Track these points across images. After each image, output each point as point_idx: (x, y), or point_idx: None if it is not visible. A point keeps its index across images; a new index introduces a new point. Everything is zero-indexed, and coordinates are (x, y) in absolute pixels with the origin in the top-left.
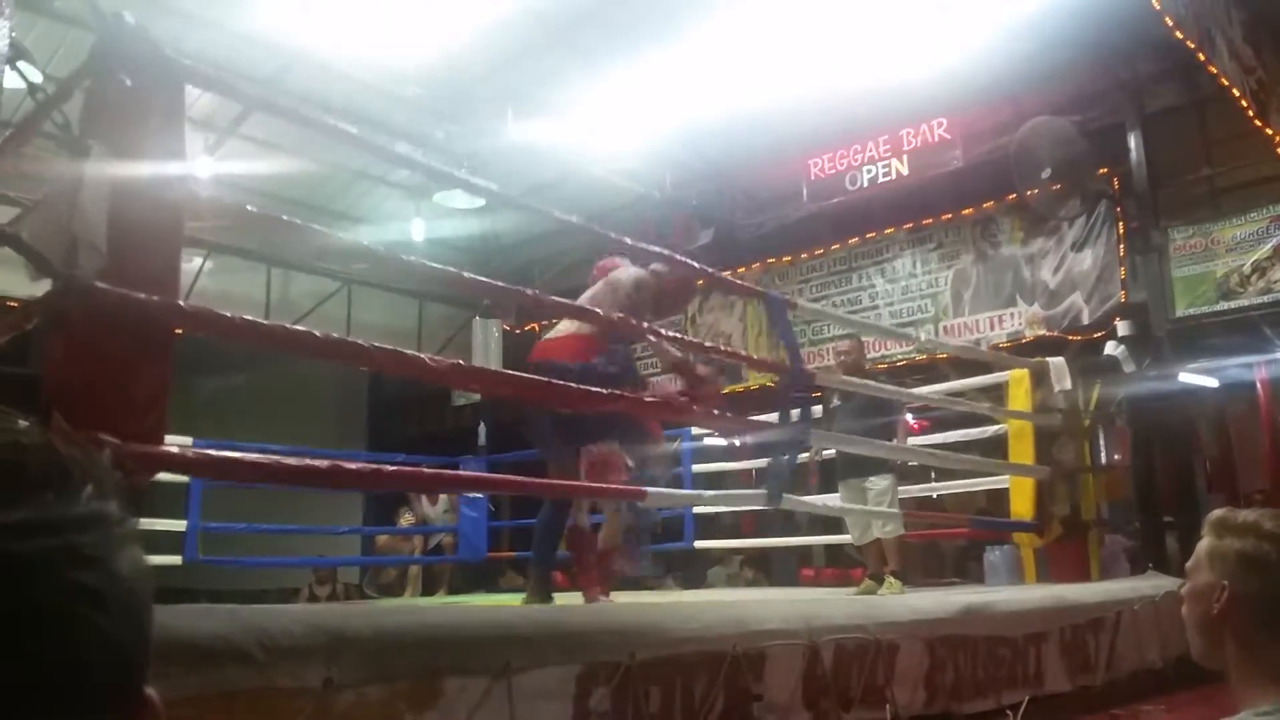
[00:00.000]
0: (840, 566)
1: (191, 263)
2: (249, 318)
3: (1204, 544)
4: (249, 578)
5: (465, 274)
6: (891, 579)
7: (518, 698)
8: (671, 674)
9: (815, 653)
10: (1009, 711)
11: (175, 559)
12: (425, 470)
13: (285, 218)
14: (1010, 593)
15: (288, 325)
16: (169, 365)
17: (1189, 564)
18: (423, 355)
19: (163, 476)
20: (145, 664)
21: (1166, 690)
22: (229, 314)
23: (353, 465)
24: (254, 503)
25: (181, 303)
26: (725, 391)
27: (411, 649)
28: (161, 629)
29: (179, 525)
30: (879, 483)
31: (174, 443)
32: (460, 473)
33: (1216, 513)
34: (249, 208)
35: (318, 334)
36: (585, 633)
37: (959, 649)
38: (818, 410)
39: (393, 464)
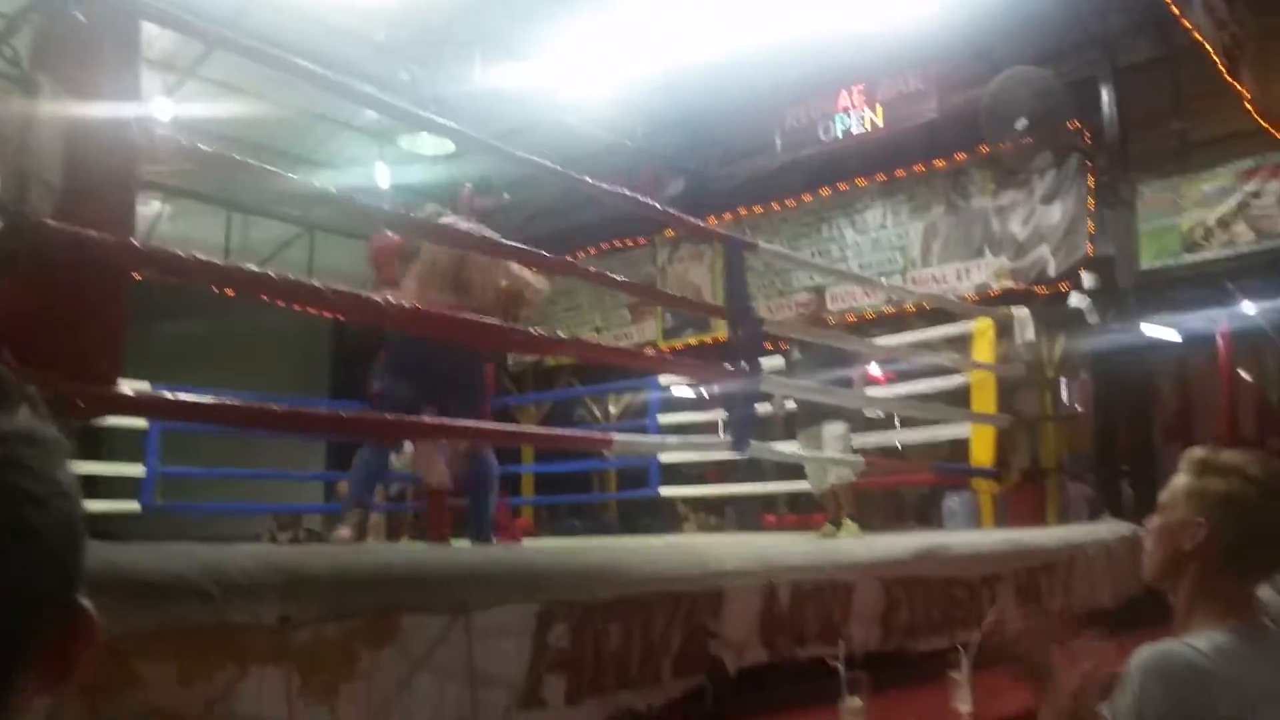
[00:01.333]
0: (802, 513)
1: (149, 207)
2: (204, 258)
3: (1183, 481)
4: (209, 525)
5: (417, 217)
6: (849, 522)
7: (476, 634)
8: (631, 613)
9: (772, 592)
10: (960, 648)
11: (134, 505)
12: (386, 416)
13: (238, 157)
14: (967, 536)
15: (244, 266)
16: (124, 307)
17: (1163, 498)
18: (377, 297)
19: (120, 421)
20: (80, 578)
21: (1117, 630)
22: (184, 254)
23: (312, 410)
24: (214, 449)
25: (136, 242)
26: (693, 342)
27: (368, 587)
28: (116, 566)
29: (137, 470)
30: (834, 429)
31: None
32: (422, 419)
33: (1197, 451)
34: (202, 147)
35: (273, 275)
36: (546, 573)
37: (915, 589)
38: (777, 362)
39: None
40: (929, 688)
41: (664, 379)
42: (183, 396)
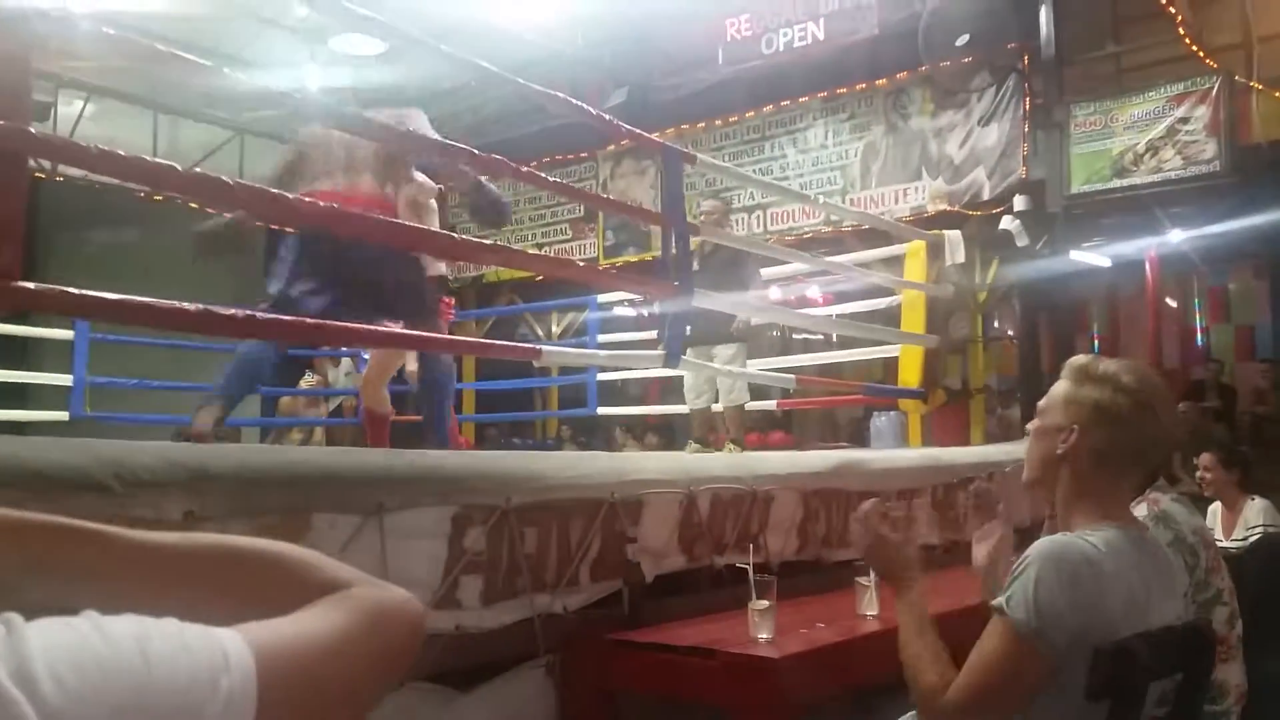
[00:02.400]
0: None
1: (71, 106)
2: (106, 148)
3: (1061, 388)
4: (139, 436)
5: (363, 114)
6: (732, 445)
7: (390, 536)
8: (547, 518)
9: (692, 501)
10: None
11: (62, 415)
12: (307, 320)
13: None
14: (886, 452)
15: (145, 158)
16: (21, 198)
17: (1041, 404)
18: (290, 195)
19: (48, 332)
20: None
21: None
22: (83, 143)
23: (226, 311)
24: (146, 361)
25: (33, 130)
26: (633, 260)
27: (278, 486)
28: (13, 458)
29: (65, 380)
30: (724, 352)
31: None
32: (347, 324)
33: (1077, 360)
34: (106, 30)
35: (178, 168)
36: (461, 477)
37: (832, 501)
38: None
39: None
40: (839, 593)
41: (604, 298)
42: (84, 293)
